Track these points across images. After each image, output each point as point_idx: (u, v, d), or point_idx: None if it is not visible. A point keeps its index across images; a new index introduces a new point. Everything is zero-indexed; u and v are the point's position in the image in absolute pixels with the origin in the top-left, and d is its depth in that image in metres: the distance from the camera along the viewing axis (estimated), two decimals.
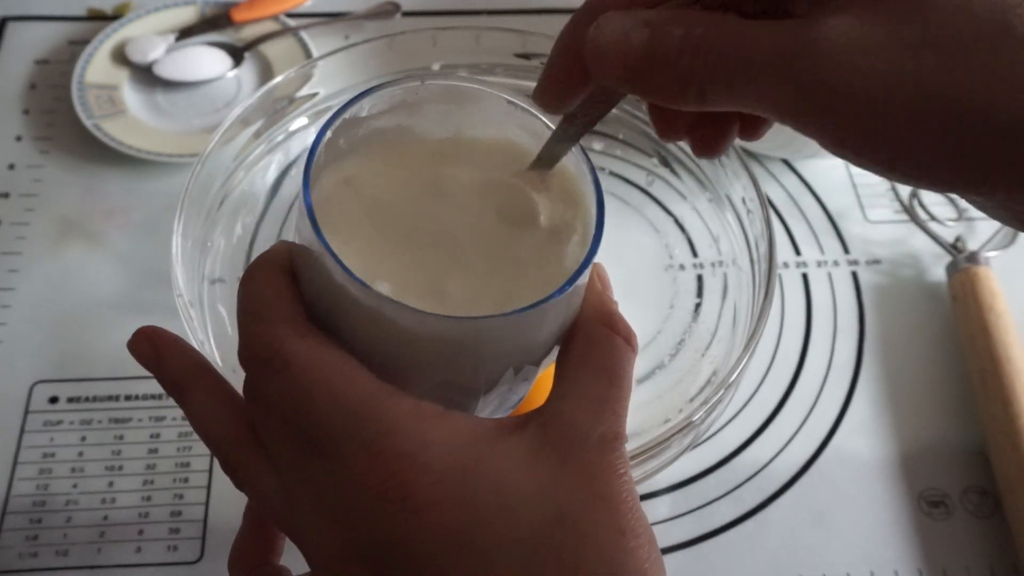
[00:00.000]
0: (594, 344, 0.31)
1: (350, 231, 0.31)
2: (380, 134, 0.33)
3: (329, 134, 0.31)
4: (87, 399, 0.55)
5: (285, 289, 0.30)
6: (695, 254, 0.57)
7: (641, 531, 0.28)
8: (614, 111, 0.54)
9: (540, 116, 0.33)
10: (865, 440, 0.55)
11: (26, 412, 0.54)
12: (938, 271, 0.62)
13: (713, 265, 0.55)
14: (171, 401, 0.36)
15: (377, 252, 0.31)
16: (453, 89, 0.33)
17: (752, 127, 0.34)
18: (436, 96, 0.33)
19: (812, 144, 0.28)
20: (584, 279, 0.30)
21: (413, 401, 0.29)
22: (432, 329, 0.29)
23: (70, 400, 0.55)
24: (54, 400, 0.55)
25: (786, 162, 0.68)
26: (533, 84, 0.32)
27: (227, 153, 0.49)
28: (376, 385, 0.29)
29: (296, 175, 0.54)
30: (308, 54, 0.70)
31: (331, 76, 0.52)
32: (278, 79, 0.51)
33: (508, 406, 0.34)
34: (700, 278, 0.56)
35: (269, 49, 0.72)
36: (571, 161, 0.33)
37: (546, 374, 0.33)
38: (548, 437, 0.29)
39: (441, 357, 0.30)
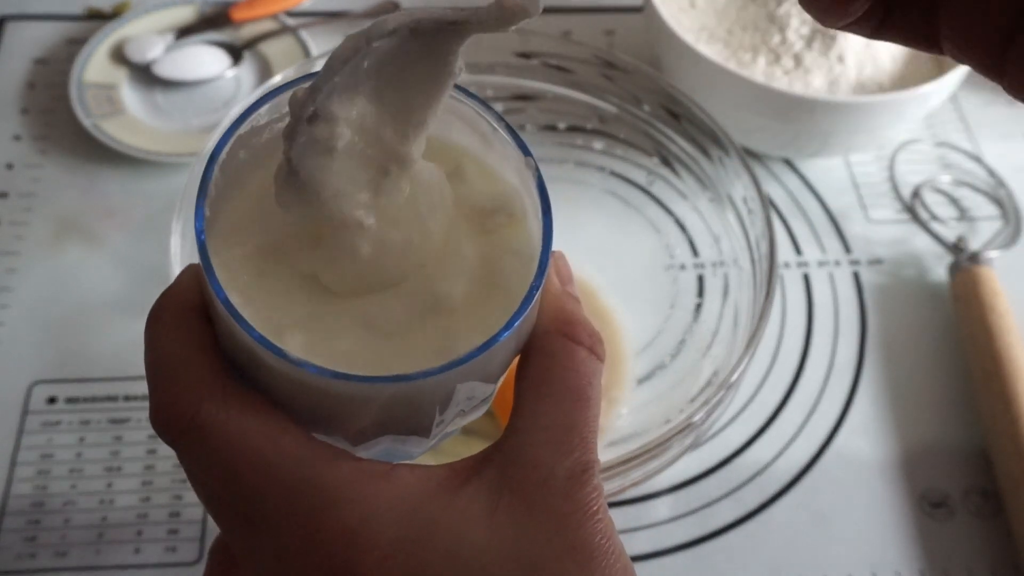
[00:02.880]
0: (554, 362, 0.28)
1: (256, 269, 0.27)
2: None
3: (226, 150, 0.26)
4: (86, 399, 0.55)
5: (198, 337, 0.27)
6: (696, 254, 0.56)
7: None
8: (615, 111, 0.54)
9: (483, 114, 0.28)
10: (867, 441, 0.55)
11: (24, 413, 0.54)
12: (940, 271, 0.62)
13: (714, 265, 0.55)
14: None
15: (287, 293, 0.27)
16: None
17: None
18: None
19: (814, 143, 0.25)
20: (535, 301, 0.26)
21: (353, 463, 0.26)
22: (363, 391, 0.25)
23: (68, 401, 0.55)
24: (52, 401, 0.55)
25: (787, 161, 0.67)
26: (533, 83, 0.29)
27: None
28: (310, 448, 0.26)
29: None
30: (307, 53, 0.70)
31: None
32: (277, 78, 0.50)
33: (471, 416, 0.31)
34: (701, 278, 0.56)
35: (268, 48, 0.71)
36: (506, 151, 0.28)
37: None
38: (508, 481, 0.26)
39: (377, 412, 0.27)
